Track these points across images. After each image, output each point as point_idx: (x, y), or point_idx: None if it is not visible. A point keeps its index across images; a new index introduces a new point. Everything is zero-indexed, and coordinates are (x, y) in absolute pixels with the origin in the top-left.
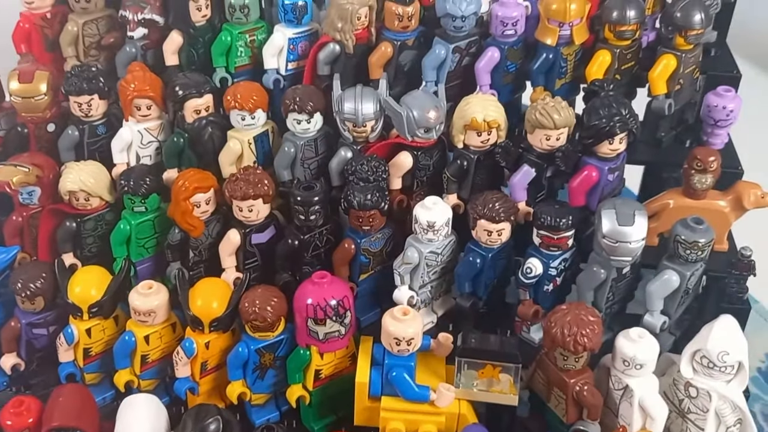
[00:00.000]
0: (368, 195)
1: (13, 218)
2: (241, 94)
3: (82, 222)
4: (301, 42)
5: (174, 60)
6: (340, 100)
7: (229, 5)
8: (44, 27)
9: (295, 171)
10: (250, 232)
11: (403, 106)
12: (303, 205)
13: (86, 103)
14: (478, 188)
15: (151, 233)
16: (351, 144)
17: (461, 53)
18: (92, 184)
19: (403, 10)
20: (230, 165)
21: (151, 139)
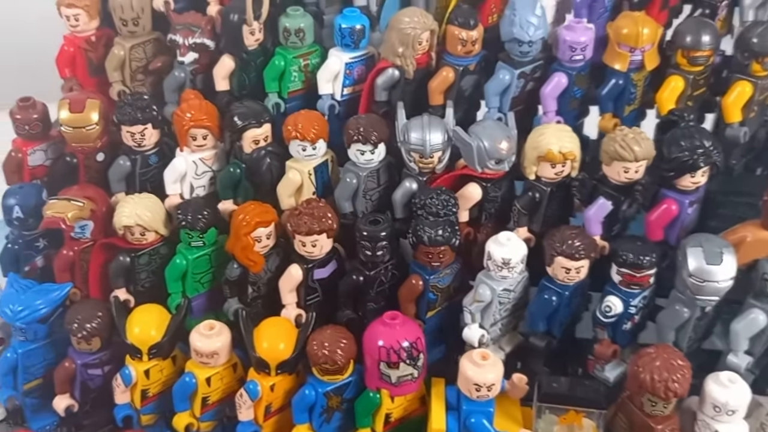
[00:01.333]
0: (439, 230)
1: (64, 253)
2: (303, 124)
3: (137, 257)
4: (357, 66)
5: (225, 85)
6: (406, 129)
7: (284, 29)
8: (89, 51)
9: (356, 202)
10: (312, 267)
11: (473, 137)
12: (370, 240)
13: (139, 133)
14: (548, 220)
15: (208, 267)
16: (416, 175)
17: (526, 78)
18: (148, 218)
19: (467, 34)
20: (289, 197)
21: (206, 169)
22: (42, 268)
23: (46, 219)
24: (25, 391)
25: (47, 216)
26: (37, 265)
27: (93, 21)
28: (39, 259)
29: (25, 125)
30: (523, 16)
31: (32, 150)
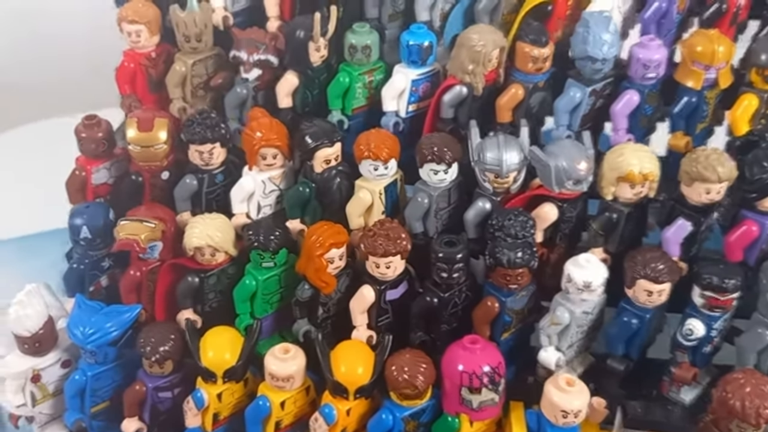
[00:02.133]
0: (518, 252)
1: (131, 273)
2: (375, 143)
3: (206, 278)
4: (423, 83)
5: (288, 102)
6: (481, 149)
7: (350, 45)
8: (149, 67)
9: (427, 222)
10: (384, 288)
11: (551, 156)
12: (446, 262)
13: (208, 152)
14: (624, 241)
15: (276, 288)
16: (490, 195)
17: (596, 96)
18: (219, 238)
19: (539, 52)
20: (359, 216)
21: (273, 188)
22: (106, 287)
23: (120, 241)
24: (92, 413)
25: (120, 238)
26: (102, 285)
27: (154, 37)
28: (104, 278)
29: (91, 143)
30: (596, 34)
31: (96, 168)
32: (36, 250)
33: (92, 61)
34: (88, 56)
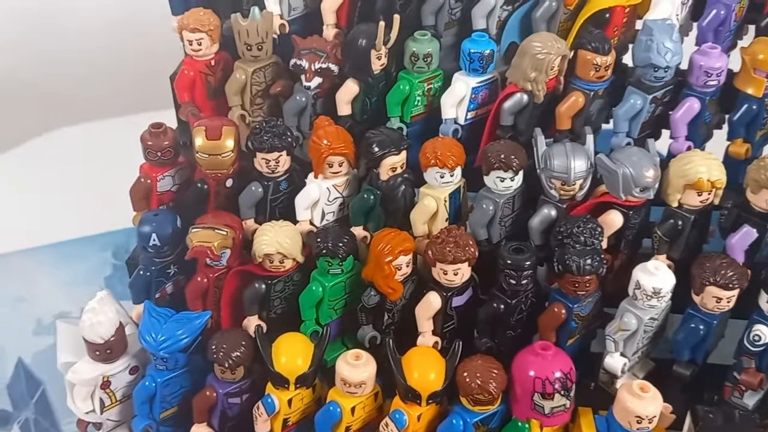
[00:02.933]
0: (588, 259)
1: (198, 280)
2: (441, 151)
3: (273, 284)
4: (482, 91)
5: (347, 110)
6: (548, 156)
7: (412, 54)
8: (208, 74)
9: (491, 229)
10: (451, 295)
11: (618, 164)
12: (515, 269)
13: (274, 160)
14: (687, 247)
15: (342, 294)
16: (556, 202)
17: (657, 103)
18: (289, 246)
19: (601, 59)
20: (423, 223)
21: (338, 195)
22: (171, 294)
23: (194, 249)
24: (161, 419)
25: (194, 245)
26: (167, 292)
27: (214, 45)
28: (169, 285)
29: (157, 152)
30: (660, 42)
31: (161, 176)
32: (76, 256)
33: (122, 66)
34: (118, 62)
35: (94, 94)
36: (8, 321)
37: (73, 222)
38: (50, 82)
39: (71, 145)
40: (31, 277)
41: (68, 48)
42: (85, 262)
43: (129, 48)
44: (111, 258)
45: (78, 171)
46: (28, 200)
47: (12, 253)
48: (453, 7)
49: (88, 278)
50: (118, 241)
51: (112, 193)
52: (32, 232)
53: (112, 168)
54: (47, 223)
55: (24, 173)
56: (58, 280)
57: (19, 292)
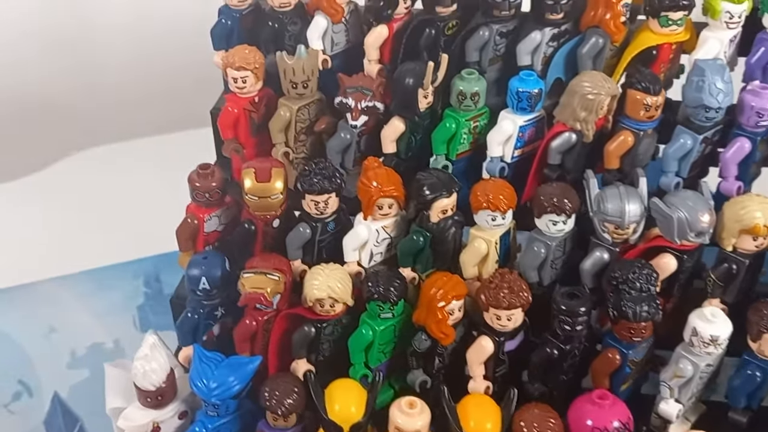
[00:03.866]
0: (644, 305)
1: (247, 323)
2: (493, 194)
3: (322, 328)
4: (529, 129)
5: (392, 148)
6: (601, 199)
7: (459, 92)
8: (252, 111)
9: (542, 272)
10: (504, 340)
11: (672, 208)
12: (570, 315)
13: (324, 202)
14: (741, 291)
15: (392, 337)
16: (609, 245)
17: (707, 143)
18: (340, 290)
19: (652, 100)
20: (473, 266)
21: (386, 237)
22: (218, 336)
23: (247, 295)
24: None
25: (247, 291)
26: (214, 334)
27: (259, 82)
28: (216, 327)
29: (205, 193)
30: (712, 83)
31: (209, 216)
32: (107, 284)
33: (149, 85)
34: (146, 81)
35: (122, 114)
36: (42, 353)
37: (102, 248)
38: (78, 102)
39: (99, 167)
40: (62, 306)
41: (94, 66)
42: (116, 291)
43: (155, 66)
44: (142, 286)
45: (105, 193)
46: (55, 225)
47: (42, 281)
48: (498, 42)
49: (121, 307)
50: (148, 269)
51: (140, 218)
52: (61, 259)
53: (140, 190)
54: (75, 248)
55: (51, 196)
56: (90, 309)
57: (52, 322)
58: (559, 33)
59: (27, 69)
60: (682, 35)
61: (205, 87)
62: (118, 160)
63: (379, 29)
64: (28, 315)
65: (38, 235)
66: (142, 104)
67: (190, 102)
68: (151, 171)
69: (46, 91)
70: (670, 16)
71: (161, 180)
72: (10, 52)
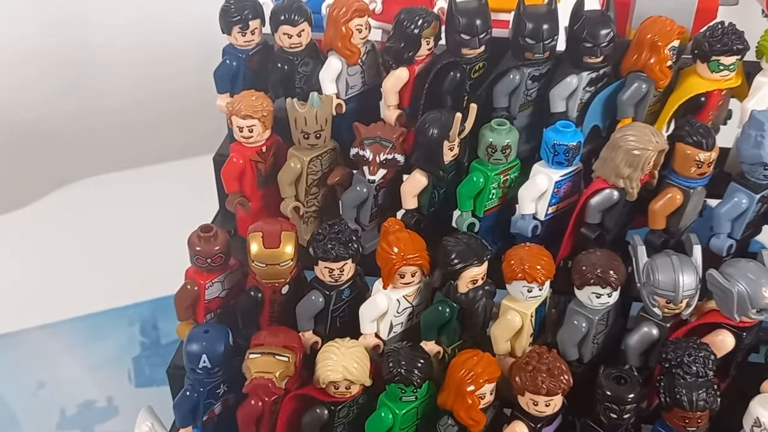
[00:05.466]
0: (701, 393)
1: (252, 404)
2: (530, 263)
3: (336, 410)
4: (566, 183)
5: (413, 203)
6: (651, 270)
7: (488, 145)
8: (258, 162)
9: (582, 348)
10: (540, 426)
11: (731, 281)
12: (617, 402)
13: (339, 269)
14: None
15: (414, 420)
16: (659, 321)
17: (764, 202)
18: (357, 371)
19: (704, 156)
20: (506, 341)
21: (407, 306)
22: (219, 414)
23: (253, 382)
24: None
25: (253, 377)
26: (215, 413)
27: (266, 131)
28: (218, 406)
29: (207, 258)
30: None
31: (210, 283)
32: (101, 333)
33: (145, 113)
34: (143, 107)
35: (118, 142)
36: (29, 411)
37: (95, 291)
38: (69, 130)
39: (91, 200)
40: (51, 358)
41: (89, 93)
42: (110, 341)
43: (156, 92)
44: (138, 335)
45: (99, 230)
46: (44, 265)
47: (29, 330)
48: (529, 87)
49: (115, 359)
50: (145, 314)
51: (137, 258)
52: (50, 304)
53: (137, 226)
54: (66, 292)
55: (39, 233)
56: (81, 361)
57: (40, 376)
58: (598, 77)
59: (17, 96)
60: (734, 80)
61: (209, 112)
62: (112, 192)
63: (399, 72)
64: (14, 369)
65: (25, 277)
66: (139, 132)
67: (191, 129)
68: (150, 204)
69: (36, 119)
70: (721, 60)
71: (161, 214)
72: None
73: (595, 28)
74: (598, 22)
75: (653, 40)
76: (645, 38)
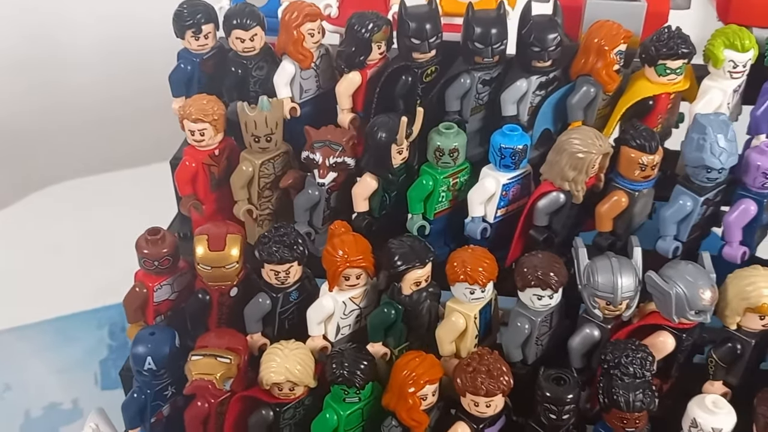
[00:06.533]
0: (638, 394)
1: (198, 405)
2: (471, 265)
3: (282, 412)
4: (514, 186)
5: (364, 206)
6: (591, 272)
7: (436, 148)
8: (211, 165)
9: (526, 349)
10: (483, 427)
11: (670, 283)
12: (556, 403)
13: (284, 272)
14: (747, 373)
15: (359, 422)
16: (599, 322)
17: (709, 204)
18: (299, 373)
19: (648, 159)
20: (450, 342)
21: (354, 308)
22: (168, 416)
23: (193, 383)
24: None
25: (194, 378)
26: (163, 415)
27: (218, 134)
28: (165, 408)
29: (154, 261)
30: (714, 141)
31: (158, 286)
32: (69, 335)
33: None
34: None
35: (86, 147)
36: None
37: (64, 294)
38: (37, 135)
39: (60, 204)
40: (20, 361)
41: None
42: (79, 343)
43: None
44: (107, 337)
45: (67, 233)
46: (12, 268)
47: (0, 332)
48: (480, 91)
49: (82, 362)
50: (114, 317)
51: (107, 261)
52: (18, 307)
53: (106, 229)
54: (34, 295)
55: (7, 237)
56: (48, 364)
57: (6, 379)
58: (547, 81)
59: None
60: (681, 84)
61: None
62: (81, 195)
63: (351, 76)
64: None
65: None
66: (107, 136)
67: (164, 131)
68: (119, 207)
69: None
70: (668, 64)
71: (129, 218)
72: None
73: (543, 33)
74: (546, 27)
75: (600, 45)
76: (592, 42)
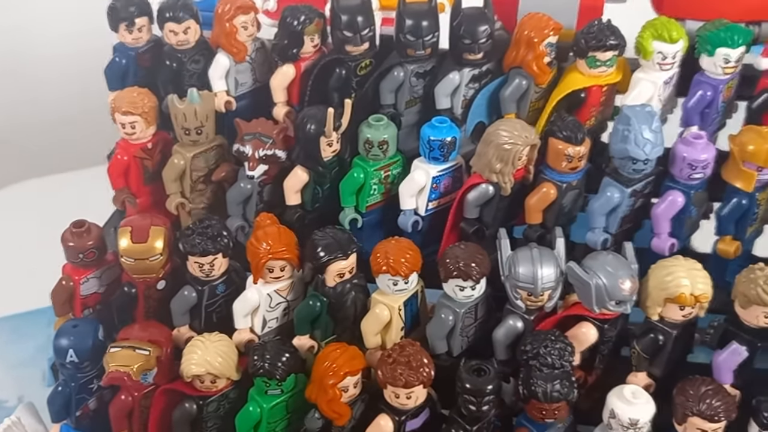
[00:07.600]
0: (556, 384)
1: (122, 398)
2: (394, 256)
3: (205, 404)
4: (444, 179)
5: (296, 199)
6: (512, 263)
7: (365, 140)
8: (144, 158)
9: (451, 341)
10: (405, 419)
11: (590, 273)
12: (475, 394)
13: (209, 264)
14: (670, 364)
15: (284, 415)
16: (522, 313)
17: (637, 196)
18: (220, 364)
19: (574, 150)
20: (375, 334)
21: (280, 301)
22: (95, 410)
23: (110, 375)
24: None
25: (110, 370)
26: (90, 408)
27: (150, 127)
28: (92, 401)
29: (79, 253)
30: (639, 132)
31: (85, 279)
32: (21, 332)
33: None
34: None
35: (41, 148)
36: None
37: (18, 292)
38: None
39: (14, 203)
40: None
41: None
42: (30, 341)
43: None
44: None
45: (21, 232)
46: None
47: None
48: (414, 84)
49: (32, 360)
50: None
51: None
52: None
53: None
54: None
55: None
56: (2, 363)
57: None
58: (480, 74)
59: None
60: (613, 76)
61: None
62: (34, 195)
63: (284, 69)
64: None
65: None
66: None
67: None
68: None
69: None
70: (598, 56)
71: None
72: None
73: (473, 25)
74: (476, 20)
75: (529, 37)
76: (522, 35)
